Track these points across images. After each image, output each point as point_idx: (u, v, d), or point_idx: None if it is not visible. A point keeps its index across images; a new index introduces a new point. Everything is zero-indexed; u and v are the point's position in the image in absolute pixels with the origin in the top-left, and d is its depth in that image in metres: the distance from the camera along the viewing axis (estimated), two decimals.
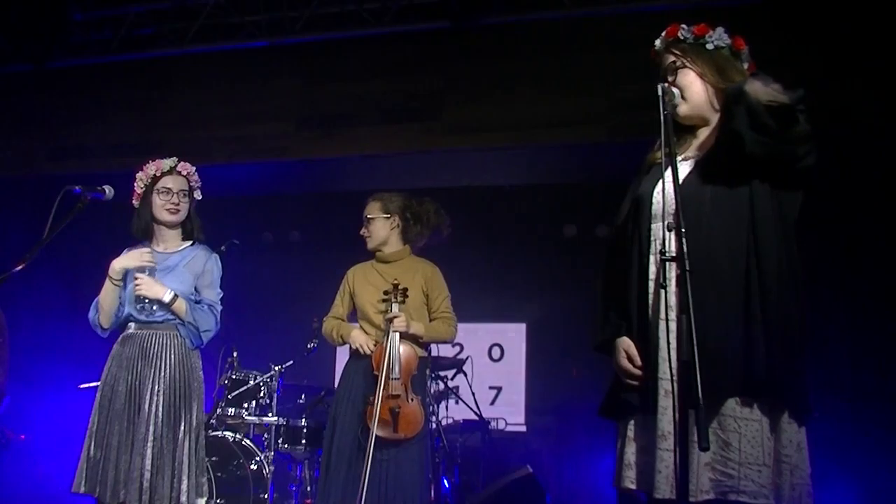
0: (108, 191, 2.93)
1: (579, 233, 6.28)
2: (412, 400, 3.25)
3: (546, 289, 6.17)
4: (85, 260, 5.93)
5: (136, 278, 2.94)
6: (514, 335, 6.38)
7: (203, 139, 5.73)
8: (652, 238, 1.98)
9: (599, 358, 2.15)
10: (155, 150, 5.84)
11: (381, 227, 3.55)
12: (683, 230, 1.74)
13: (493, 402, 6.24)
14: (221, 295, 3.15)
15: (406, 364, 3.29)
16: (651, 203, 2.01)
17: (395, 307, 3.36)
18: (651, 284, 1.97)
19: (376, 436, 3.18)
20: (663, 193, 1.96)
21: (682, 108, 2.05)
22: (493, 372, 6.34)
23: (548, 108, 5.08)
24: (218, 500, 4.21)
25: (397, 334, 3.32)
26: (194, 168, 3.19)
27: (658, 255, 1.87)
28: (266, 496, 4.35)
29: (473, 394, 5.24)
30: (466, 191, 6.06)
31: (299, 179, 6.12)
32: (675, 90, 2.03)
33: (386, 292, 3.40)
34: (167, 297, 2.94)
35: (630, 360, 1.99)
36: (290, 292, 6.65)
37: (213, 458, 4.31)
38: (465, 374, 5.19)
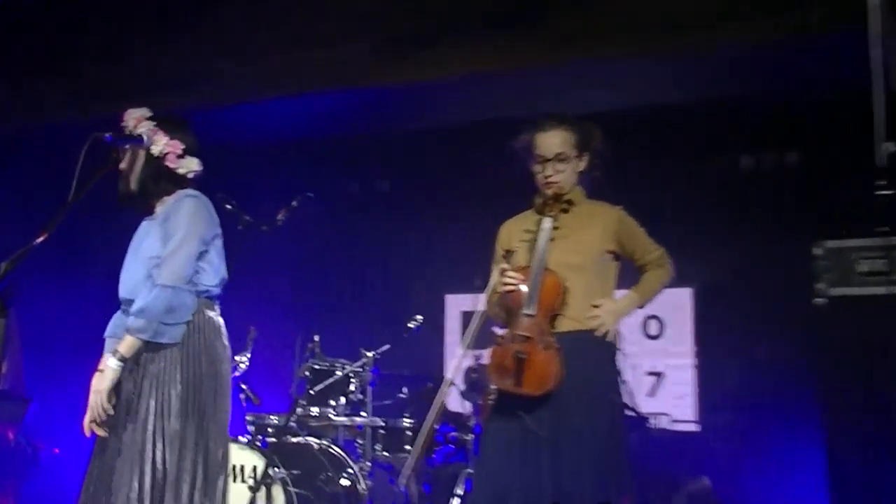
0: (147, 136, 3.06)
1: (756, 163, 6.11)
2: (548, 348, 3.08)
3: (716, 242, 5.98)
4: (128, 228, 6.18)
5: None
6: (676, 304, 6.17)
7: (252, 70, 5.77)
8: None
9: (790, 330, 2.08)
10: (193, 84, 6.03)
11: (574, 169, 3.31)
12: None
13: (652, 393, 6.19)
14: (187, 245, 3.04)
15: (546, 297, 3.11)
16: None
17: (546, 223, 3.17)
18: None
19: (503, 390, 3.12)
20: None
21: None
22: (651, 353, 6.26)
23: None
24: None
25: (543, 250, 3.13)
26: (128, 114, 3.19)
27: None
28: None
29: (625, 382, 5.16)
30: (605, 116, 5.90)
31: (381, 114, 6.13)
32: None
33: (541, 207, 3.23)
34: (112, 370, 2.97)
35: None
36: (381, 257, 6.74)
37: (295, 472, 4.45)
38: None
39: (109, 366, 2.97)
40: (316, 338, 4.97)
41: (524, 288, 3.12)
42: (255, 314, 5.26)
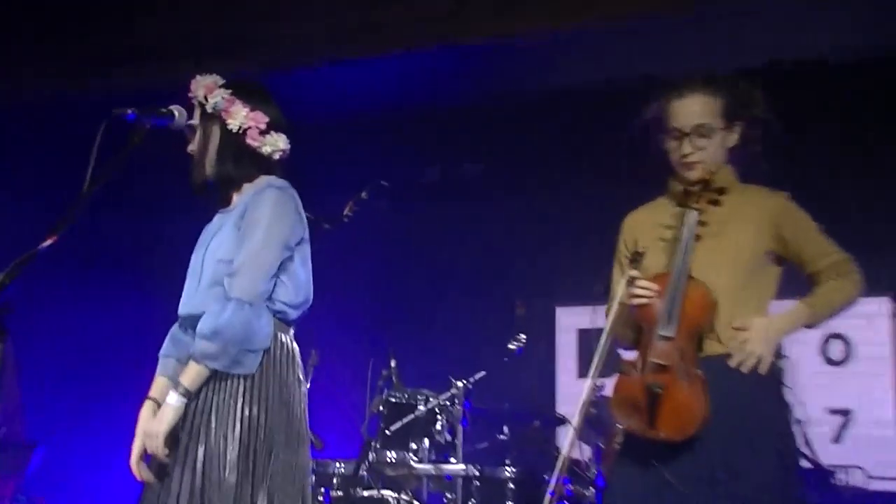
0: (178, 113, 3.08)
1: None
2: (691, 380, 3.02)
3: None
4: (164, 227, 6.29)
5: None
6: (868, 318, 6.06)
7: (311, 28, 5.93)
8: None
9: None
10: (242, 45, 6.10)
11: (720, 144, 3.22)
12: None
13: (837, 439, 6.13)
14: (267, 250, 3.02)
15: (690, 314, 3.05)
16: None
17: (690, 217, 3.09)
18: None
19: (633, 431, 3.08)
20: None
21: None
22: (834, 384, 6.20)
23: None
24: None
25: (686, 253, 3.07)
26: (196, 82, 3.19)
27: None
28: None
29: (799, 422, 5.04)
30: (769, 72, 5.79)
31: (470, 79, 6.12)
32: None
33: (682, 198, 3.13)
34: (173, 409, 2.94)
35: None
36: (472, 261, 6.73)
37: None
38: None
39: (170, 403, 2.91)
40: (392, 363, 4.98)
41: (660, 302, 3.06)
42: (317, 333, 5.27)
